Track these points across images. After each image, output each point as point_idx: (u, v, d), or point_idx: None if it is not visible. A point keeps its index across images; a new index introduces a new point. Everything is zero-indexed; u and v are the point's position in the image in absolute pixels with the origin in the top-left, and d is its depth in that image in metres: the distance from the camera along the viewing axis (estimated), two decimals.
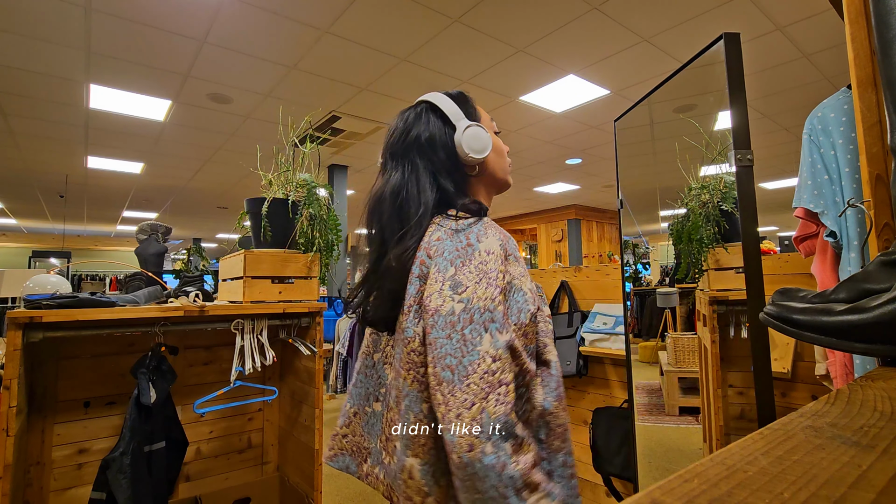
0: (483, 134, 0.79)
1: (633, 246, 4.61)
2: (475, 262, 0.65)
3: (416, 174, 0.77)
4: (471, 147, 0.77)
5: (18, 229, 11.39)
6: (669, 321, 4.28)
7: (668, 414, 3.74)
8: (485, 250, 0.66)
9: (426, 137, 0.79)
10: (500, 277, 0.64)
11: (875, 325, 0.41)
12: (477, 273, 0.64)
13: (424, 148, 0.78)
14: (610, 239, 10.27)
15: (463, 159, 0.78)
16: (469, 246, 0.67)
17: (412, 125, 0.81)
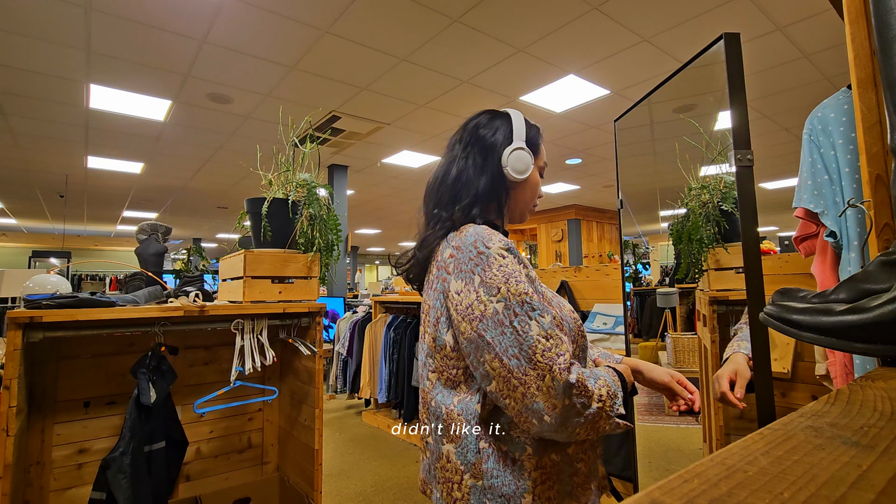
0: (528, 160, 0.89)
1: (633, 246, 4.61)
2: (495, 265, 0.74)
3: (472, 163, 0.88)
4: (513, 166, 0.87)
5: (18, 229, 11.40)
6: (669, 321, 4.28)
7: (668, 414, 3.74)
8: (497, 252, 0.75)
9: (488, 139, 0.89)
10: (521, 271, 0.74)
11: (875, 325, 0.41)
12: (501, 274, 0.73)
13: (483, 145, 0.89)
14: (610, 239, 10.27)
15: (504, 172, 0.88)
16: (481, 254, 0.75)
17: (484, 125, 0.92)
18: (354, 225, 11.75)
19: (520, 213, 0.95)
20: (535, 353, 0.68)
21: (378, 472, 3.04)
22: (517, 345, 0.69)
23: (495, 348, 0.70)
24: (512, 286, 0.72)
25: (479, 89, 4.00)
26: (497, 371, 0.70)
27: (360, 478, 2.95)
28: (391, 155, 5.89)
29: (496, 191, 0.88)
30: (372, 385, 3.83)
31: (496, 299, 0.71)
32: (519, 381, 0.68)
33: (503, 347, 0.69)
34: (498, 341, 0.70)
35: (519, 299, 0.71)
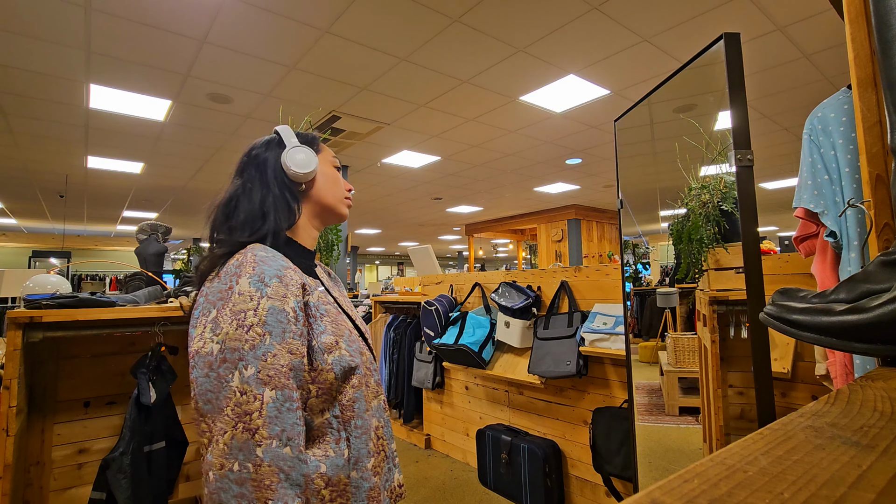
0: (309, 153, 0.89)
1: (633, 246, 4.61)
2: (230, 303, 0.71)
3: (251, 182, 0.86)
4: (294, 162, 0.87)
5: (18, 229, 11.40)
6: (669, 321, 4.28)
7: (668, 414, 3.74)
8: (238, 292, 0.72)
9: (262, 155, 0.89)
10: (261, 311, 0.71)
11: (875, 325, 0.41)
12: (231, 314, 0.70)
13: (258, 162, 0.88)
14: (610, 239, 10.27)
15: (288, 174, 0.87)
16: (230, 289, 0.72)
17: (255, 147, 0.91)
18: (354, 225, 11.75)
19: (331, 209, 0.94)
20: (228, 405, 0.66)
21: None
22: (216, 391, 0.67)
23: (196, 387, 0.68)
24: (232, 330, 0.69)
25: (479, 89, 4.00)
26: (194, 412, 0.69)
27: None
28: (391, 155, 5.89)
29: (281, 198, 0.86)
30: None
31: (216, 339, 0.69)
32: (207, 427, 0.66)
33: (202, 389, 0.68)
34: (200, 382, 0.68)
35: (233, 345, 0.68)
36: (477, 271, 10.04)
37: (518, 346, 2.47)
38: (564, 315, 2.34)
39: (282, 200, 0.86)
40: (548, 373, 2.21)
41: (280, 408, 0.68)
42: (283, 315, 0.72)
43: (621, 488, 2.13)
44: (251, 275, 0.73)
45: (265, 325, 0.70)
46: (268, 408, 0.67)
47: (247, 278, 0.72)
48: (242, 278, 0.73)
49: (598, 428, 2.16)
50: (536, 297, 2.48)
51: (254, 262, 0.75)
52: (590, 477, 2.29)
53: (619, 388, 2.23)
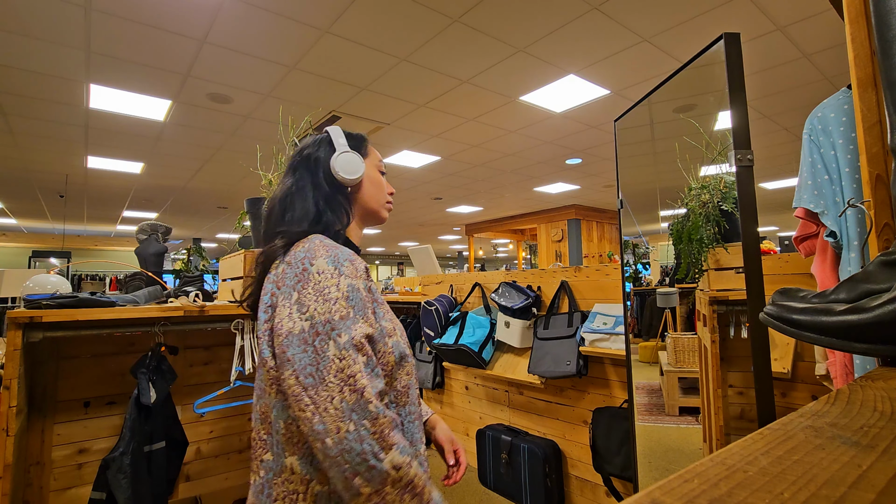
0: (357, 160, 0.93)
1: (633, 246, 4.61)
2: (312, 283, 0.76)
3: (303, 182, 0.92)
4: (342, 168, 0.92)
5: (18, 229, 11.40)
6: (669, 321, 4.28)
7: (668, 414, 3.74)
8: (317, 270, 0.77)
9: (313, 154, 0.94)
10: (341, 286, 0.76)
11: (875, 325, 0.41)
12: (314, 292, 0.75)
13: (309, 162, 0.93)
14: (610, 239, 10.27)
15: (337, 178, 0.92)
16: (304, 271, 0.77)
17: (306, 146, 0.96)
18: None
19: (373, 212, 0.99)
20: (329, 373, 0.69)
21: None
22: (315, 363, 0.69)
23: (294, 365, 0.70)
24: (320, 305, 0.73)
25: (479, 89, 4.00)
26: (292, 389, 0.70)
27: None
28: (391, 155, 5.89)
29: (334, 199, 0.91)
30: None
31: (305, 317, 0.73)
32: (311, 400, 0.68)
33: (301, 365, 0.70)
34: (298, 358, 0.71)
35: (323, 318, 0.72)
36: (477, 271, 10.04)
37: (518, 346, 2.47)
38: (564, 315, 2.34)
39: (335, 201, 0.92)
40: (548, 373, 2.21)
41: (371, 373, 0.73)
42: (359, 294, 0.78)
43: (621, 488, 2.13)
44: (326, 256, 0.79)
45: (348, 299, 0.75)
46: (364, 370, 0.71)
47: (323, 259, 0.78)
48: (318, 259, 0.78)
49: (598, 428, 2.16)
50: (536, 297, 2.48)
51: (323, 246, 0.80)
52: (590, 477, 2.29)
53: (619, 388, 2.23)
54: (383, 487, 0.66)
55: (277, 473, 0.76)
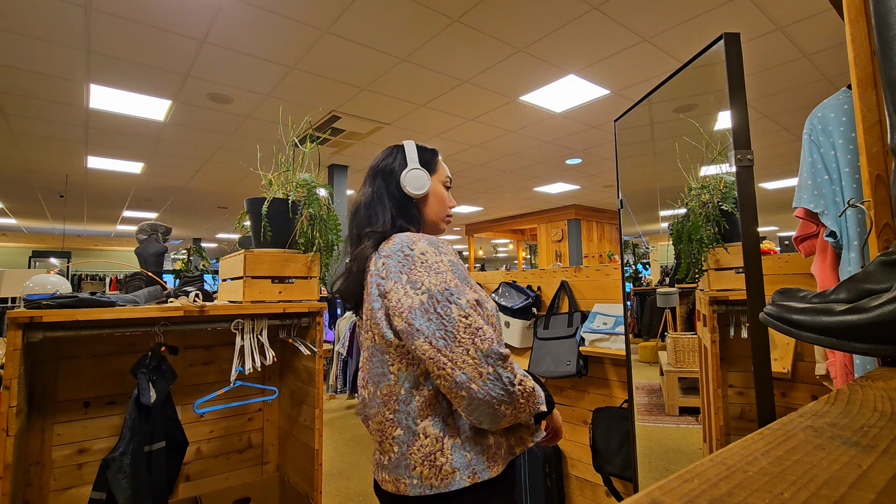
0: (424, 177, 1.04)
1: (633, 246, 4.62)
2: (418, 263, 0.87)
3: (376, 190, 1.04)
4: (410, 184, 1.02)
5: (18, 229, 11.40)
6: (669, 321, 4.28)
7: (668, 414, 3.74)
8: (420, 252, 0.89)
9: (388, 167, 1.05)
10: (444, 262, 0.88)
11: (875, 325, 0.41)
12: (424, 269, 0.86)
13: (385, 173, 1.05)
14: (610, 239, 10.27)
15: (405, 191, 1.03)
16: (407, 256, 0.89)
17: (384, 158, 1.08)
18: None
19: (433, 224, 1.09)
20: (458, 331, 0.80)
21: None
22: (442, 327, 0.81)
23: (424, 333, 0.81)
24: (433, 278, 0.85)
25: (479, 89, 4.00)
26: (428, 354, 0.81)
27: (360, 478, 2.95)
28: None
29: (406, 207, 1.03)
30: None
31: (421, 291, 0.84)
32: (448, 358, 0.80)
33: (430, 331, 0.81)
34: (426, 327, 0.81)
35: (439, 287, 0.84)
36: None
37: (518, 346, 2.47)
38: (564, 315, 2.34)
39: (407, 210, 1.03)
40: (548, 373, 2.21)
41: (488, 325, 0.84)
42: (460, 266, 0.90)
43: (621, 488, 2.13)
44: (422, 240, 0.91)
45: (454, 271, 0.87)
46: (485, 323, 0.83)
47: (423, 243, 0.90)
48: (417, 244, 0.89)
49: (598, 428, 2.16)
50: (536, 297, 2.48)
51: (415, 235, 0.93)
52: (590, 477, 2.29)
53: (619, 388, 2.23)
54: (518, 402, 0.82)
55: (411, 443, 0.87)
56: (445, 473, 0.85)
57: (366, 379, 0.96)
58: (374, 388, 0.93)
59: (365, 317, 0.95)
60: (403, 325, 0.84)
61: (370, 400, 0.94)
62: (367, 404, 0.96)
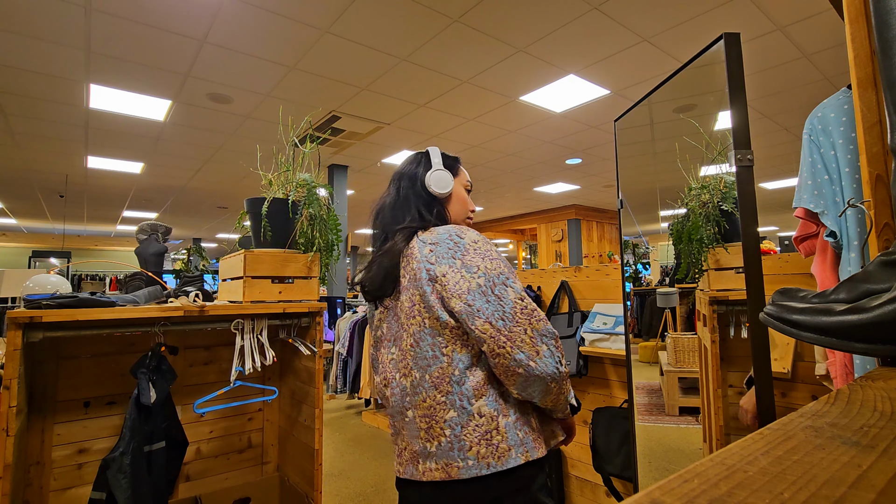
0: (448, 178, 1.10)
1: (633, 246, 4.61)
2: (471, 250, 0.93)
3: (402, 190, 1.09)
4: (435, 183, 1.08)
5: (18, 229, 11.40)
6: (669, 321, 4.28)
7: (668, 414, 3.74)
8: (471, 241, 0.95)
9: (412, 169, 1.11)
10: (494, 251, 0.95)
11: (875, 325, 0.41)
12: (478, 255, 0.93)
13: (410, 175, 1.11)
14: (610, 239, 10.27)
15: (429, 190, 1.08)
16: (457, 244, 0.94)
17: (409, 161, 1.14)
18: (354, 225, 11.74)
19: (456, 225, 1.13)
20: (516, 313, 0.87)
21: (378, 472, 3.04)
22: (500, 308, 0.87)
23: (484, 313, 0.87)
24: (488, 263, 0.91)
25: (479, 89, 4.00)
26: (488, 333, 0.86)
27: (360, 478, 2.95)
28: (391, 155, 5.89)
29: (431, 206, 1.08)
30: (372, 385, 3.83)
31: (478, 275, 0.90)
32: (506, 338, 0.86)
33: (489, 312, 0.87)
34: (484, 308, 0.87)
35: (495, 272, 0.91)
36: None
37: None
38: (564, 315, 2.34)
39: (433, 208, 1.08)
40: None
41: None
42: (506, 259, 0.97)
43: (621, 488, 2.13)
44: (472, 231, 0.98)
45: (503, 260, 0.95)
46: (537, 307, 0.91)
47: (472, 233, 0.97)
48: (466, 234, 0.96)
49: (598, 428, 2.16)
50: (536, 296, 2.48)
51: (461, 226, 1.00)
52: (590, 477, 2.29)
53: (619, 388, 2.23)
54: (563, 383, 0.90)
55: (465, 424, 0.89)
56: (502, 451, 0.88)
57: (407, 366, 0.95)
58: (421, 373, 0.93)
59: (408, 304, 0.96)
60: (462, 306, 0.88)
61: (415, 386, 0.93)
62: (408, 392, 0.94)
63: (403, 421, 0.96)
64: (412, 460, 0.94)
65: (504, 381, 0.90)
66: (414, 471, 0.93)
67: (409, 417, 0.95)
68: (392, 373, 0.98)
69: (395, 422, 1.00)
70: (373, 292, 1.04)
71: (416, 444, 0.93)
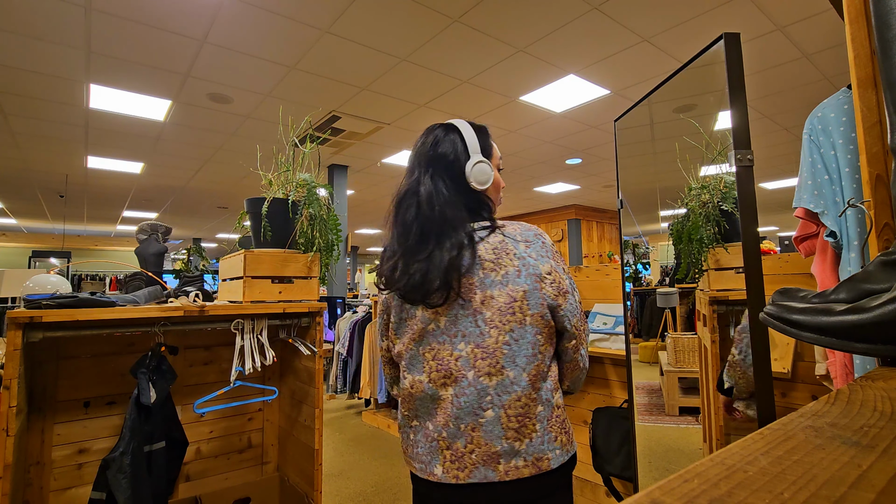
0: (487, 170, 1.01)
1: (633, 246, 4.61)
2: (554, 251, 0.99)
3: (443, 184, 0.98)
4: (476, 178, 1.00)
5: (18, 229, 11.40)
6: (669, 321, 4.28)
7: (668, 414, 3.74)
8: (551, 242, 1.01)
9: (449, 158, 1.00)
10: None
11: (875, 325, 0.41)
12: (560, 259, 0.99)
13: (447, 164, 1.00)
14: (610, 239, 10.26)
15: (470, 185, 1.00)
16: (545, 244, 0.97)
17: (440, 142, 1.01)
18: (354, 225, 11.74)
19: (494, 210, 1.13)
20: (581, 313, 0.98)
21: (378, 472, 3.04)
22: (579, 310, 0.97)
23: (576, 313, 0.96)
24: (564, 266, 0.99)
25: (479, 89, 4.00)
26: (574, 331, 0.96)
27: (360, 478, 2.95)
28: (391, 155, 5.89)
29: (476, 198, 1.01)
30: (372, 385, 3.83)
31: (567, 276, 0.97)
32: (581, 336, 0.97)
33: (578, 311, 0.97)
34: (575, 308, 0.96)
35: (570, 275, 0.99)
36: None
37: None
38: None
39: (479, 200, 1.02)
40: None
41: None
42: None
43: (621, 488, 2.13)
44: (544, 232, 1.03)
45: None
46: None
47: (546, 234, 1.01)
48: (545, 234, 1.00)
49: (598, 428, 2.16)
50: None
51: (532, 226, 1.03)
52: (590, 477, 2.29)
53: (619, 388, 2.23)
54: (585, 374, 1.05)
55: (550, 417, 0.93)
56: (571, 436, 0.98)
57: (496, 365, 0.89)
58: (517, 371, 0.90)
59: (505, 300, 0.90)
60: (567, 304, 0.94)
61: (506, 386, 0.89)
62: (491, 392, 0.89)
63: (476, 422, 0.89)
64: (487, 462, 0.88)
65: (566, 375, 0.99)
66: (489, 472, 0.88)
67: (487, 418, 0.89)
68: (463, 371, 0.91)
69: (461, 424, 0.90)
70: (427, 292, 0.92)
71: (498, 444, 0.88)
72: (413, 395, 0.96)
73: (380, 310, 1.06)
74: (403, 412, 1.01)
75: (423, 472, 0.93)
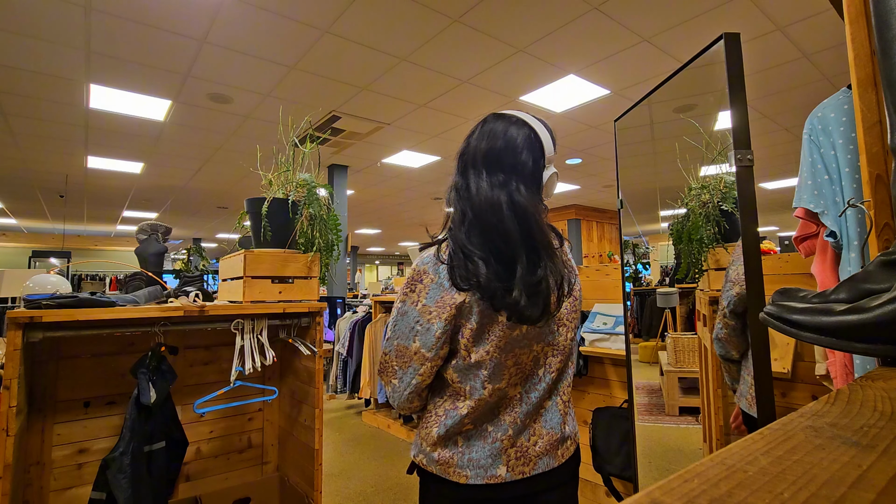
0: (556, 184, 0.98)
1: (633, 246, 4.61)
2: None
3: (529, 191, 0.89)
4: (548, 192, 0.95)
5: (18, 229, 11.40)
6: (669, 321, 4.28)
7: (668, 414, 3.74)
8: None
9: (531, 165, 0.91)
10: None
11: (875, 325, 0.41)
12: None
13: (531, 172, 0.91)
14: (610, 239, 10.26)
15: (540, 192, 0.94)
16: None
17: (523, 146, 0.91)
18: (354, 225, 11.74)
19: None
20: None
21: (378, 472, 3.04)
22: None
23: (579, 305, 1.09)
24: None
25: (479, 89, 4.00)
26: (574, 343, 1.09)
27: (360, 478, 2.95)
28: (391, 155, 5.89)
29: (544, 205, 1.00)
30: (372, 385, 3.83)
31: None
32: None
33: None
34: None
35: None
36: None
37: None
38: None
39: None
40: None
41: None
42: None
43: (621, 488, 2.13)
44: None
45: None
46: None
47: None
48: None
49: (598, 428, 2.16)
50: None
51: None
52: (590, 477, 2.29)
53: (619, 388, 2.23)
54: None
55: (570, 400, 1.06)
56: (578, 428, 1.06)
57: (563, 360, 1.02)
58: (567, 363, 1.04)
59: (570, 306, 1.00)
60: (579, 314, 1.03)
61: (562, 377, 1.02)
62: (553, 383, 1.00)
63: (538, 413, 0.94)
64: (549, 450, 0.93)
65: None
66: (551, 460, 0.93)
67: (546, 408, 0.97)
68: (535, 370, 0.96)
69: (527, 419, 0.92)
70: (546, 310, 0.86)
71: (557, 430, 0.96)
72: (487, 403, 0.90)
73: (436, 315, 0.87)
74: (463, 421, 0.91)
75: (481, 477, 0.88)
